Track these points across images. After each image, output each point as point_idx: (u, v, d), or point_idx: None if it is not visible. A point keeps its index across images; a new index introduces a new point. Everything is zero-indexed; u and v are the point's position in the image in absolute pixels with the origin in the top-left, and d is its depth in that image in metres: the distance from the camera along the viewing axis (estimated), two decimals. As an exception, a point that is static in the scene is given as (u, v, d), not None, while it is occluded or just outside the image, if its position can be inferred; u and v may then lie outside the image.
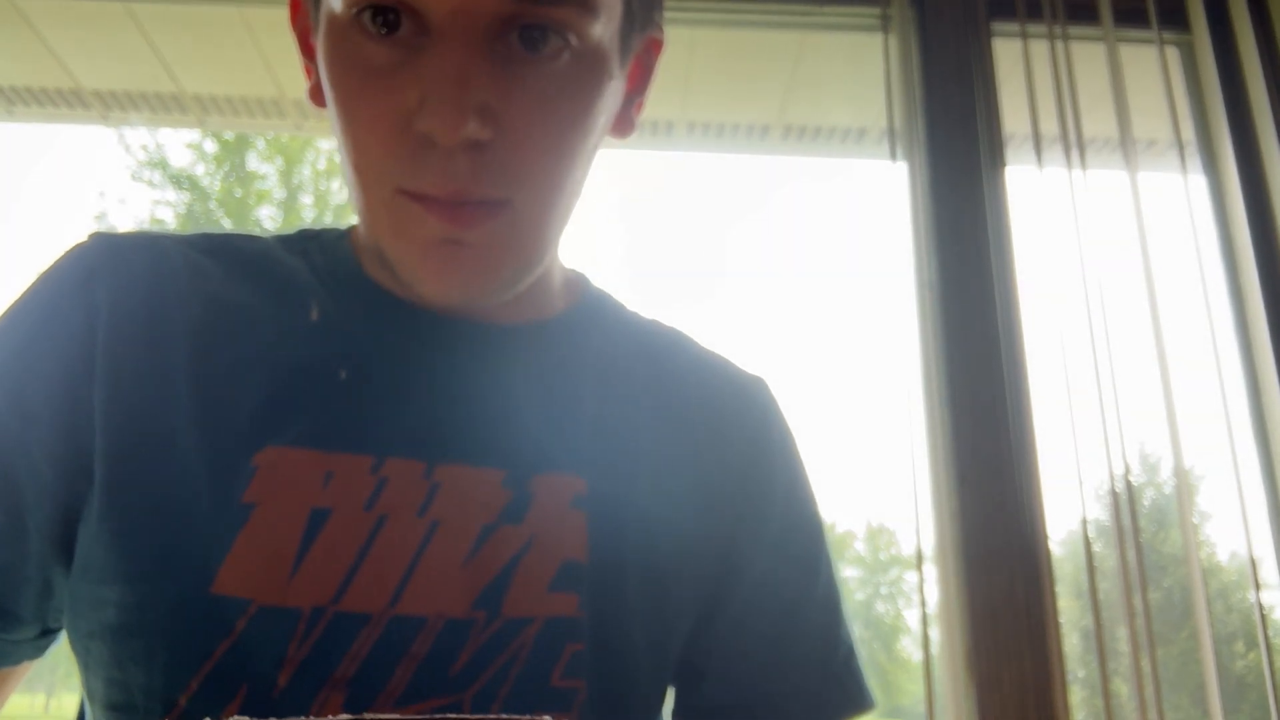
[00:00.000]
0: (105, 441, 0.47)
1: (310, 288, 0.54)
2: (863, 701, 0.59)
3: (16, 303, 0.51)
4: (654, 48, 0.57)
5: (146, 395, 0.48)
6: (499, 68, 0.45)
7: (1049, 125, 1.36)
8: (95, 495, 0.47)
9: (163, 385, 0.48)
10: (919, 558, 1.22)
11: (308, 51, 0.54)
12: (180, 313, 0.51)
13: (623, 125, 0.56)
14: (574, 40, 0.46)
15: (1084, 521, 1.22)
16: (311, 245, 0.57)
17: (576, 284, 0.61)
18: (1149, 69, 1.42)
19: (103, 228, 0.55)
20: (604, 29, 0.48)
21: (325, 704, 0.43)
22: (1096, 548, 1.22)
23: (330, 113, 0.49)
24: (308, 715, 0.43)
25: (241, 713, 0.43)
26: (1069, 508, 1.24)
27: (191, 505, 0.46)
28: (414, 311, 0.53)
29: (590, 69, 0.48)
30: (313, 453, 0.48)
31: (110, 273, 0.51)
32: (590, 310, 0.60)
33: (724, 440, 0.59)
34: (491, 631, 0.47)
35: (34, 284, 0.52)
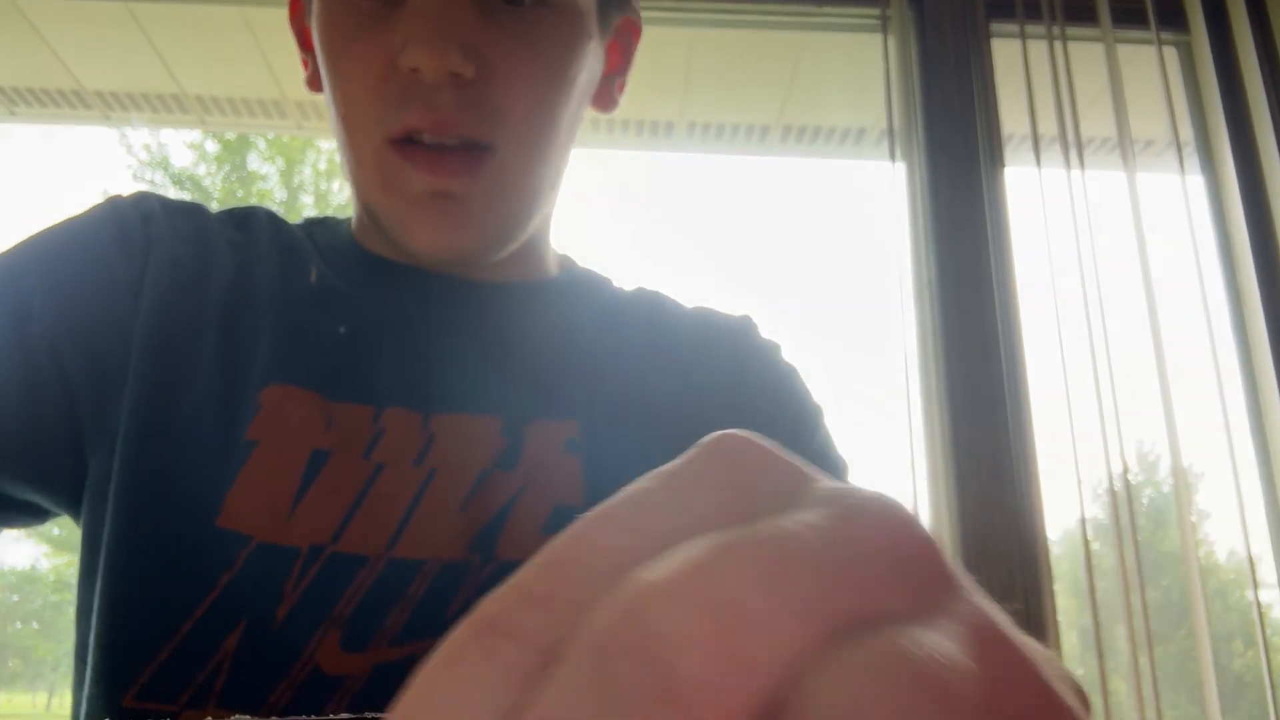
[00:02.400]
0: (138, 365, 0.49)
1: (311, 256, 0.56)
2: None
3: (83, 212, 0.54)
4: (633, 30, 0.61)
5: (179, 333, 0.50)
6: (482, 14, 0.48)
7: (1047, 125, 1.36)
8: (120, 419, 0.48)
9: (194, 328, 0.50)
10: (918, 556, 1.22)
11: (306, 45, 0.58)
12: (215, 272, 0.53)
13: (604, 100, 0.59)
14: None
15: (1082, 520, 1.22)
16: (317, 227, 0.60)
17: (566, 259, 0.64)
18: (1147, 69, 1.43)
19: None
20: None
21: (322, 641, 0.44)
22: (1095, 546, 1.23)
23: (324, 78, 0.52)
24: (305, 650, 0.44)
25: (242, 644, 0.43)
26: (1067, 506, 1.24)
27: (202, 441, 0.47)
28: (409, 273, 0.55)
29: (567, 22, 0.51)
30: (315, 396, 0.49)
31: (164, 222, 0.54)
32: (581, 277, 0.62)
33: (711, 359, 0.59)
34: (486, 574, 0.47)
35: (98, 205, 0.54)
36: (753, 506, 0.14)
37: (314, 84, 0.57)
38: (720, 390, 0.58)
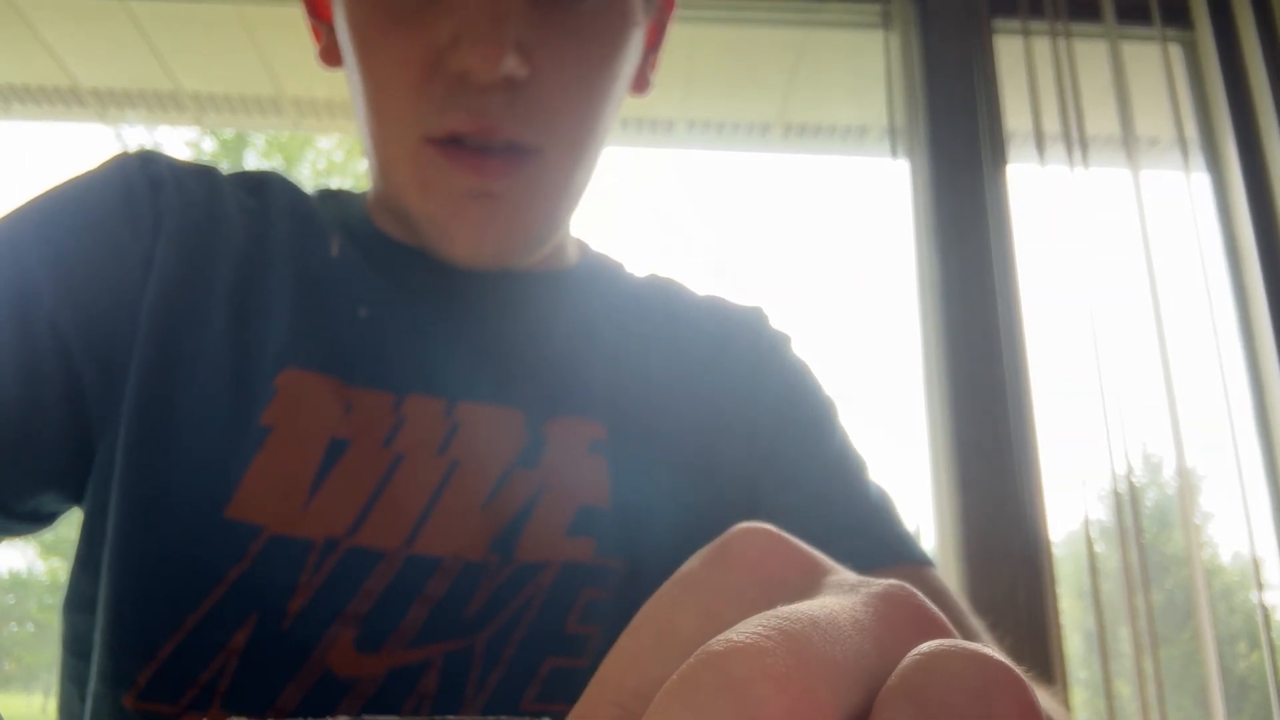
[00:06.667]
0: (144, 344, 0.46)
1: (329, 228, 0.54)
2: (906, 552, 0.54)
3: (87, 175, 0.50)
4: (667, 5, 0.58)
5: (188, 310, 0.47)
6: (533, 7, 0.45)
7: (1051, 122, 1.35)
8: (125, 401, 0.45)
9: (203, 304, 0.48)
10: (920, 558, 1.21)
11: (316, 12, 0.54)
12: (226, 242, 0.50)
13: (640, 82, 0.57)
14: None
15: (1086, 522, 1.22)
16: (330, 201, 0.57)
17: (581, 244, 0.61)
18: (1152, 66, 1.42)
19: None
20: None
21: (335, 639, 0.42)
22: (1098, 548, 1.22)
23: (349, 64, 0.49)
24: (316, 649, 0.42)
25: (251, 641, 0.41)
26: (1071, 508, 1.24)
27: (212, 424, 0.45)
28: (425, 258, 0.53)
29: (617, 12, 0.48)
30: (334, 381, 0.46)
31: (175, 189, 0.51)
32: (598, 263, 0.60)
33: (727, 357, 0.58)
34: (505, 575, 0.45)
35: (105, 166, 0.51)
36: (780, 601, 0.17)
37: (329, 58, 0.53)
38: (737, 393, 0.56)
